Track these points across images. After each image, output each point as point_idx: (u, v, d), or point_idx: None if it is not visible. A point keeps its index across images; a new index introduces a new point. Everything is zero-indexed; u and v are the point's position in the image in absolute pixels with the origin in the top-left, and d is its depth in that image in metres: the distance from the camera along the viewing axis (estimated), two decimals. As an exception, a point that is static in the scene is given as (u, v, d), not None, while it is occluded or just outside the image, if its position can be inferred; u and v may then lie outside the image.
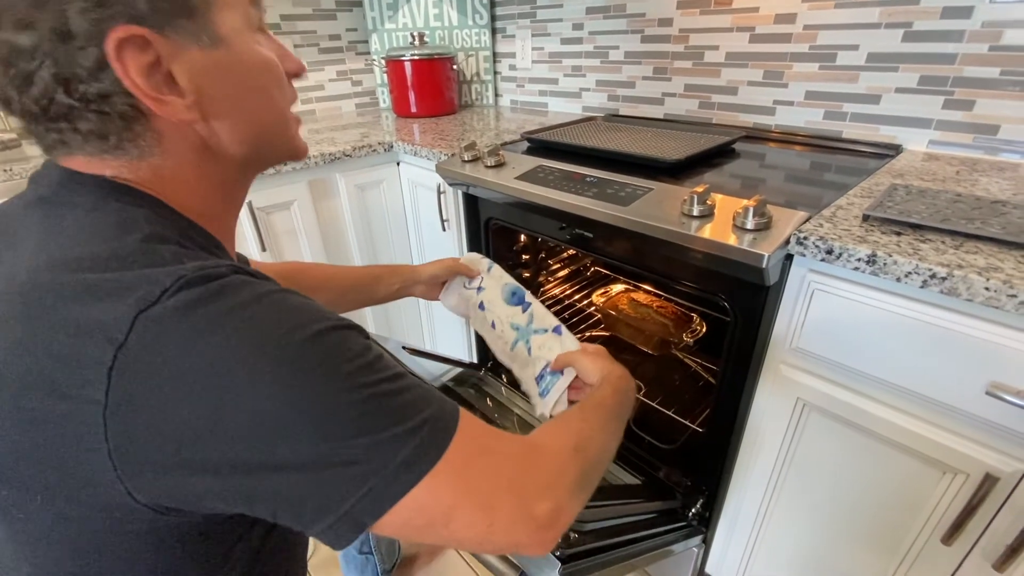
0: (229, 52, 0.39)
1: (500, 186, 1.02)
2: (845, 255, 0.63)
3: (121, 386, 0.29)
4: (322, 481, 0.32)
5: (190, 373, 0.30)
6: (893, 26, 1.00)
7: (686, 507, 0.99)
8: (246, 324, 0.32)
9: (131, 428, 0.30)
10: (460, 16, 1.79)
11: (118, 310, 0.30)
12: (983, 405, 0.59)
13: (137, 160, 0.38)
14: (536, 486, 0.40)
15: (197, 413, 0.30)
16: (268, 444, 0.31)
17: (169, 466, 0.30)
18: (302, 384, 0.31)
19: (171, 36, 0.35)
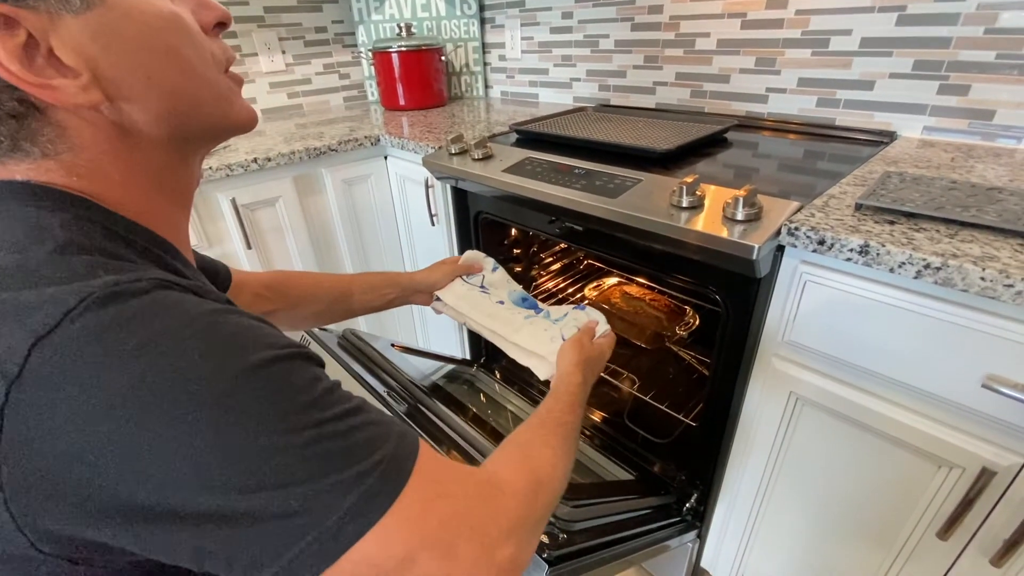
0: (111, 11, 0.32)
1: (487, 179, 1.00)
2: (837, 245, 0.61)
3: (14, 428, 0.25)
4: (255, 535, 0.28)
5: (96, 412, 0.25)
6: (886, 10, 0.98)
7: (681, 502, 0.98)
8: (166, 355, 0.27)
9: (28, 474, 0.26)
10: (448, 6, 1.76)
11: (13, 338, 0.25)
12: (979, 398, 0.58)
13: (43, 160, 0.33)
14: (499, 530, 0.36)
15: (105, 458, 0.26)
16: (190, 493, 0.27)
17: (75, 515, 0.26)
18: (232, 426, 0.27)
19: (35, 6, 0.29)
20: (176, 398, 0.27)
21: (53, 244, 0.30)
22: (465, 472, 0.39)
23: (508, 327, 0.79)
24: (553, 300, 1.47)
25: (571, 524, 0.65)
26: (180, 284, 0.31)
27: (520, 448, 0.48)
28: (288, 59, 1.75)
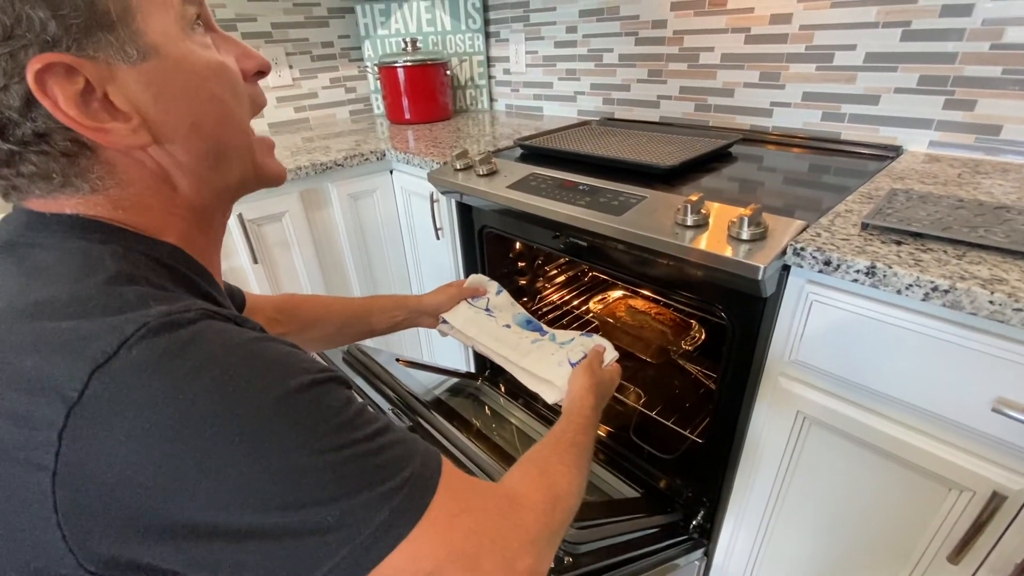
0: (164, 62, 0.35)
1: (492, 195, 1.01)
2: (843, 266, 0.61)
3: (73, 451, 0.26)
4: (294, 549, 0.29)
5: (151, 436, 0.27)
6: (891, 25, 0.98)
7: (687, 519, 0.97)
8: (215, 381, 0.29)
9: (83, 496, 0.27)
10: (453, 21, 1.77)
11: (73, 365, 0.27)
12: (989, 421, 0.57)
13: (92, 195, 0.35)
14: (519, 543, 0.38)
15: (158, 480, 0.27)
16: (236, 511, 0.28)
17: (125, 535, 0.28)
18: (274, 447, 0.29)
19: (96, 56, 0.32)
20: (225, 422, 0.28)
21: (105, 275, 0.32)
22: (486, 488, 0.41)
23: (516, 351, 0.79)
24: (558, 312, 1.47)
25: (577, 546, 0.65)
26: (221, 314, 0.33)
27: (536, 465, 0.50)
28: (295, 73, 1.77)
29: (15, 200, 0.36)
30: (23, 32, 0.30)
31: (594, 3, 1.43)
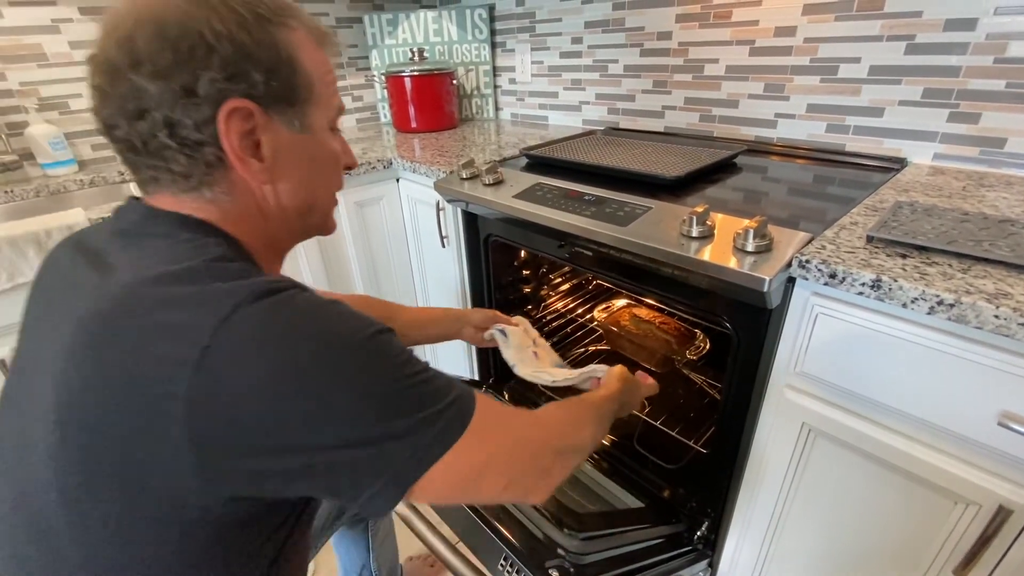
0: (310, 140, 0.47)
1: (498, 205, 1.01)
2: (849, 279, 0.61)
3: (203, 383, 0.33)
4: (377, 453, 0.38)
5: (268, 371, 0.34)
6: (895, 39, 0.99)
7: (691, 530, 0.96)
8: (311, 331, 0.37)
9: (210, 421, 0.34)
10: (460, 31, 1.79)
11: (203, 318, 0.34)
12: (995, 435, 0.57)
13: (209, 202, 0.44)
14: (541, 453, 0.50)
15: (274, 406, 0.34)
16: (338, 427, 0.36)
17: (244, 452, 0.35)
18: (363, 378, 0.37)
19: (272, 115, 0.43)
20: (323, 362, 0.36)
21: (211, 256, 0.40)
22: (517, 411, 0.52)
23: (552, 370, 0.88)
24: (562, 320, 1.47)
25: (581, 557, 0.65)
26: (303, 287, 0.41)
27: (561, 405, 0.62)
28: (303, 82, 1.78)
29: (147, 191, 0.45)
30: (240, 81, 0.40)
31: (599, 14, 1.45)
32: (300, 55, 0.44)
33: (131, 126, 0.40)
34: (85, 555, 0.37)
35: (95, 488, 0.36)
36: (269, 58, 0.42)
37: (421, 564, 1.29)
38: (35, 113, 1.35)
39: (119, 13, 0.40)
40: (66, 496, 0.36)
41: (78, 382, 0.35)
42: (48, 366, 0.37)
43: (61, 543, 0.37)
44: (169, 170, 0.42)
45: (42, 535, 0.38)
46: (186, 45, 0.38)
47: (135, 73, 0.38)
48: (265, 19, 0.42)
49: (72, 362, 0.36)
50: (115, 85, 0.39)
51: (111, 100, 0.40)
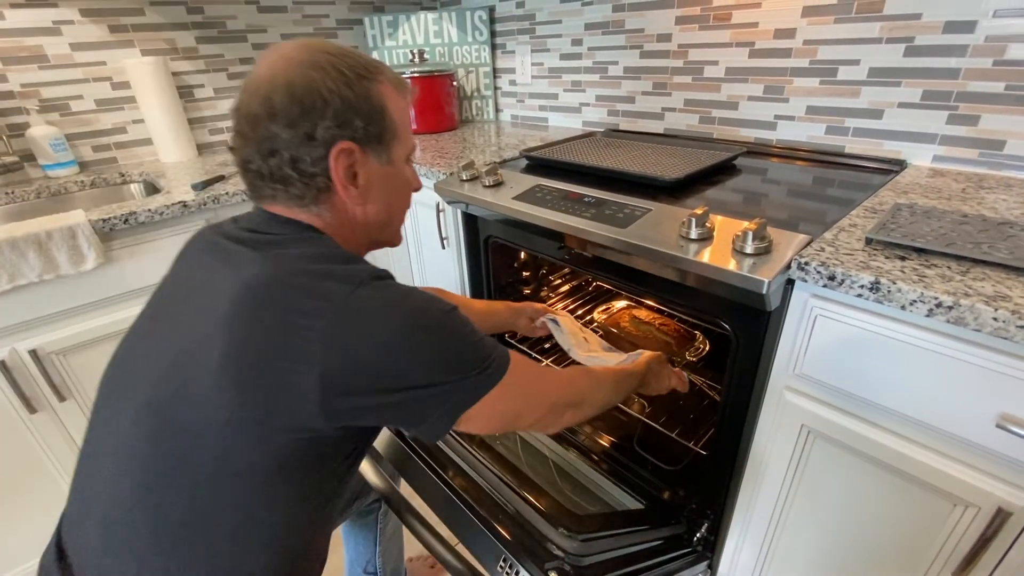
0: (393, 170, 0.60)
1: (498, 206, 1.02)
2: (848, 281, 0.62)
3: (336, 331, 0.46)
4: (443, 392, 0.51)
5: (381, 330, 0.47)
6: (894, 41, 0.99)
7: (691, 532, 0.96)
8: (410, 303, 0.50)
9: (338, 359, 0.46)
10: (460, 33, 1.80)
11: (337, 286, 0.48)
12: (994, 437, 0.57)
13: (316, 215, 0.56)
14: (561, 403, 0.65)
15: (381, 357, 0.47)
16: (423, 373, 0.49)
17: (356, 389, 0.47)
18: (443, 340, 0.51)
19: (367, 152, 0.56)
20: (417, 326, 0.50)
21: (331, 249, 0.54)
22: (545, 368, 0.69)
23: None
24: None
25: (580, 559, 0.65)
26: (391, 277, 0.54)
27: (586, 370, 0.76)
28: (303, 83, 1.79)
29: (264, 201, 0.57)
30: (347, 127, 0.53)
31: (599, 16, 1.45)
32: (387, 103, 0.56)
33: (264, 161, 0.53)
34: (216, 459, 0.48)
35: (246, 407, 0.46)
36: (367, 108, 0.54)
37: (421, 565, 1.29)
38: (36, 114, 1.35)
39: (260, 77, 0.52)
40: (211, 421, 0.47)
41: (243, 332, 0.46)
42: (205, 326, 0.49)
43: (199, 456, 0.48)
44: (287, 191, 0.54)
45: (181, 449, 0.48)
46: (309, 101, 0.51)
47: (271, 123, 0.51)
48: (363, 77, 0.54)
49: (236, 319, 0.47)
50: (255, 131, 0.52)
51: (251, 142, 0.53)
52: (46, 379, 1.04)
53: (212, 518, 0.49)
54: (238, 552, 0.51)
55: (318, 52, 0.53)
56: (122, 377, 0.55)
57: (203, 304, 0.50)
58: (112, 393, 0.55)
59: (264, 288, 0.47)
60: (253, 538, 0.51)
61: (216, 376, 0.46)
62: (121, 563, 0.49)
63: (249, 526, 0.50)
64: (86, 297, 1.06)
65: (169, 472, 0.48)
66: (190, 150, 1.57)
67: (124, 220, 1.04)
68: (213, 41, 1.58)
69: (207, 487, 0.48)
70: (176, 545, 0.49)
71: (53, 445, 1.11)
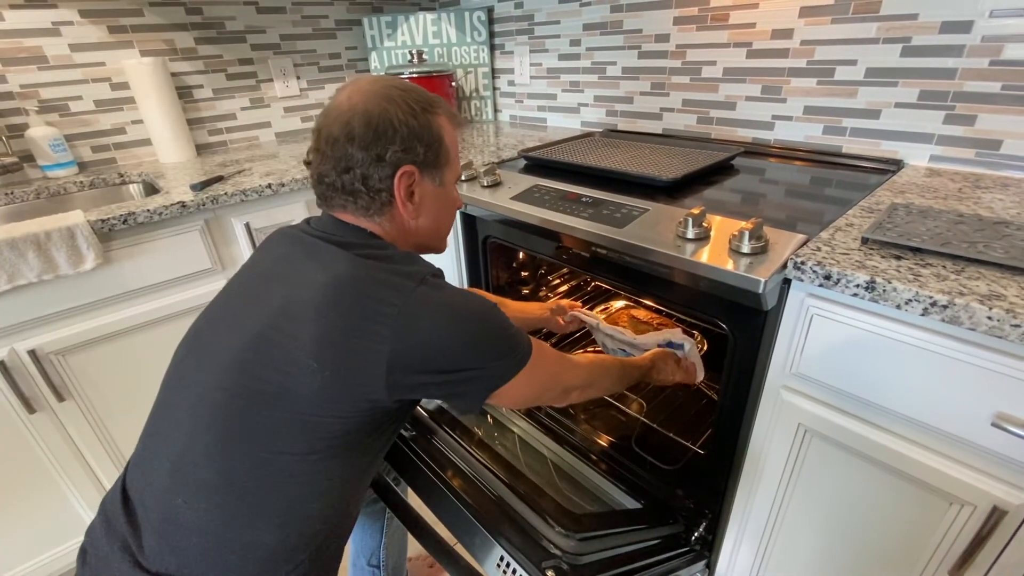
0: (443, 191, 0.69)
1: (496, 207, 1.02)
2: (843, 281, 0.62)
3: (403, 320, 0.54)
4: (483, 373, 0.61)
5: (437, 321, 0.56)
6: (891, 41, 0.99)
7: (689, 531, 0.97)
8: (460, 300, 0.60)
9: (403, 344, 0.54)
10: (459, 33, 1.80)
11: (404, 282, 0.57)
12: (989, 436, 0.58)
13: (378, 224, 0.65)
14: (571, 386, 0.75)
15: (439, 341, 0.56)
16: (472, 358, 0.59)
17: (416, 369, 0.56)
18: (489, 330, 0.61)
19: (424, 175, 0.65)
20: (467, 317, 0.59)
21: (395, 252, 0.63)
22: (561, 356, 0.75)
23: None
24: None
25: (578, 558, 0.65)
26: (443, 276, 0.64)
27: (596, 357, 0.85)
28: (303, 84, 1.79)
29: (333, 209, 0.65)
30: (411, 152, 0.62)
31: (597, 17, 1.45)
32: (444, 134, 0.66)
33: (339, 176, 0.61)
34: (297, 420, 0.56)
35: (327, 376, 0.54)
36: (428, 136, 0.63)
37: (420, 565, 1.29)
38: (35, 115, 1.35)
39: (341, 105, 0.61)
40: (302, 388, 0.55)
41: (333, 315, 0.54)
42: (297, 307, 0.56)
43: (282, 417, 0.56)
44: (355, 203, 0.63)
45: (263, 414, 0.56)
46: (382, 129, 0.60)
47: (349, 144, 0.59)
48: (426, 110, 0.63)
49: (327, 305, 0.54)
50: (335, 150, 0.60)
51: (329, 159, 0.61)
52: (45, 379, 1.04)
53: (280, 469, 0.56)
54: (298, 499, 0.58)
55: (390, 87, 0.62)
56: (205, 342, 0.62)
57: (291, 288, 0.58)
58: (192, 354, 0.62)
59: (351, 281, 0.56)
60: (313, 488, 0.59)
61: (308, 348, 0.54)
62: (192, 503, 0.56)
63: (311, 478, 0.58)
64: (85, 297, 1.06)
65: (249, 426, 0.55)
66: (189, 151, 1.57)
67: (123, 220, 1.04)
68: (212, 42, 1.59)
69: (281, 442, 0.55)
70: (246, 490, 0.56)
71: (52, 445, 1.11)
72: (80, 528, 1.22)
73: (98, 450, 1.17)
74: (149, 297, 1.15)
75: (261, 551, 0.57)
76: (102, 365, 1.12)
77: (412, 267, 0.60)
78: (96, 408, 1.14)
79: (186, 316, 1.20)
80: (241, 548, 0.56)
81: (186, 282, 1.19)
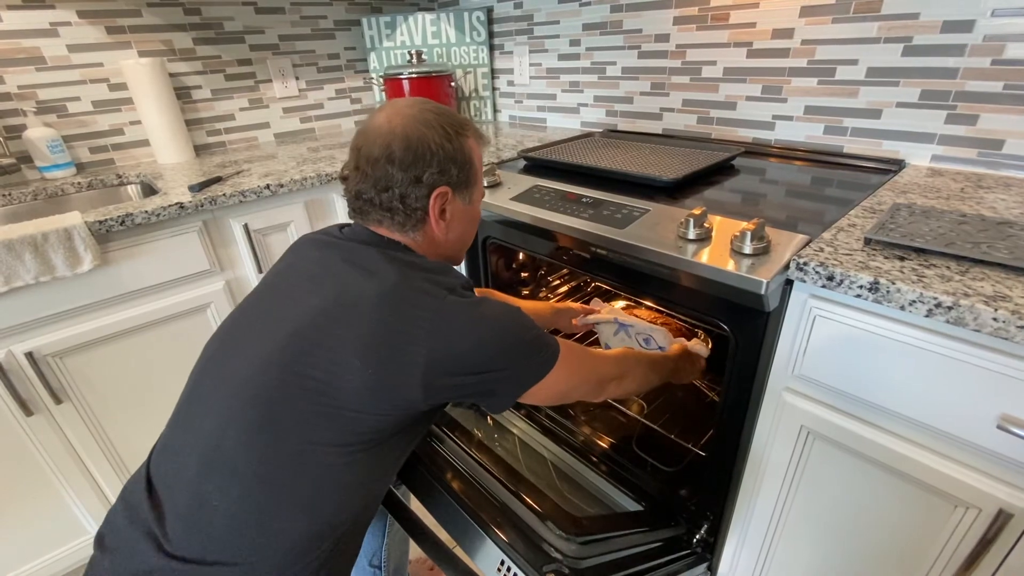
0: (471, 208, 0.73)
1: (496, 207, 1.01)
2: (847, 282, 0.61)
3: (437, 325, 0.58)
4: (512, 374, 0.63)
5: (468, 327, 0.59)
6: (892, 41, 0.99)
7: (690, 533, 0.96)
8: (489, 306, 0.62)
9: (437, 347, 0.57)
10: (458, 33, 1.79)
11: (438, 290, 0.60)
12: (994, 438, 0.57)
13: (411, 238, 0.68)
14: (607, 378, 0.77)
15: (472, 344, 0.59)
16: (502, 360, 0.62)
17: (450, 370, 0.58)
18: (517, 334, 0.63)
19: (456, 194, 0.68)
20: (496, 322, 0.62)
21: (427, 263, 0.65)
22: (593, 352, 0.77)
23: None
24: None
25: (579, 561, 0.65)
26: (472, 287, 0.69)
27: (629, 352, 0.86)
28: (301, 84, 1.79)
29: (369, 223, 0.68)
30: (446, 174, 0.65)
31: (597, 17, 1.45)
32: (473, 156, 0.69)
33: (378, 194, 0.64)
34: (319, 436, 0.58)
35: (369, 376, 0.56)
36: (461, 159, 0.67)
37: (421, 568, 1.29)
38: (33, 116, 1.34)
39: (380, 127, 0.64)
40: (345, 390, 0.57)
41: (375, 318, 0.57)
42: (337, 309, 0.59)
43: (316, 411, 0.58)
44: (392, 219, 0.66)
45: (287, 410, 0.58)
46: (421, 152, 0.63)
47: (389, 165, 0.63)
48: (459, 133, 0.67)
49: (372, 309, 0.57)
50: (375, 169, 0.63)
51: (369, 177, 0.64)
52: (42, 381, 1.04)
53: (313, 460, 0.58)
54: (327, 490, 0.60)
55: (427, 111, 0.66)
56: (241, 336, 0.64)
57: (332, 289, 0.61)
58: (227, 347, 0.65)
59: (394, 288, 0.59)
60: (341, 480, 0.60)
61: (353, 348, 0.56)
62: (225, 489, 0.57)
63: (341, 471, 0.60)
64: (82, 299, 1.05)
65: (286, 417, 0.57)
66: (187, 151, 1.56)
67: (121, 222, 1.03)
68: (211, 42, 1.58)
69: (317, 434, 0.57)
70: (279, 479, 0.58)
71: (49, 448, 1.10)
72: (78, 531, 1.21)
73: (95, 452, 1.17)
74: (147, 299, 1.14)
75: (288, 539, 0.59)
76: (100, 367, 1.12)
77: (446, 277, 0.63)
78: (93, 410, 1.14)
79: (185, 318, 1.19)
80: (269, 535, 0.58)
81: (184, 283, 1.18)
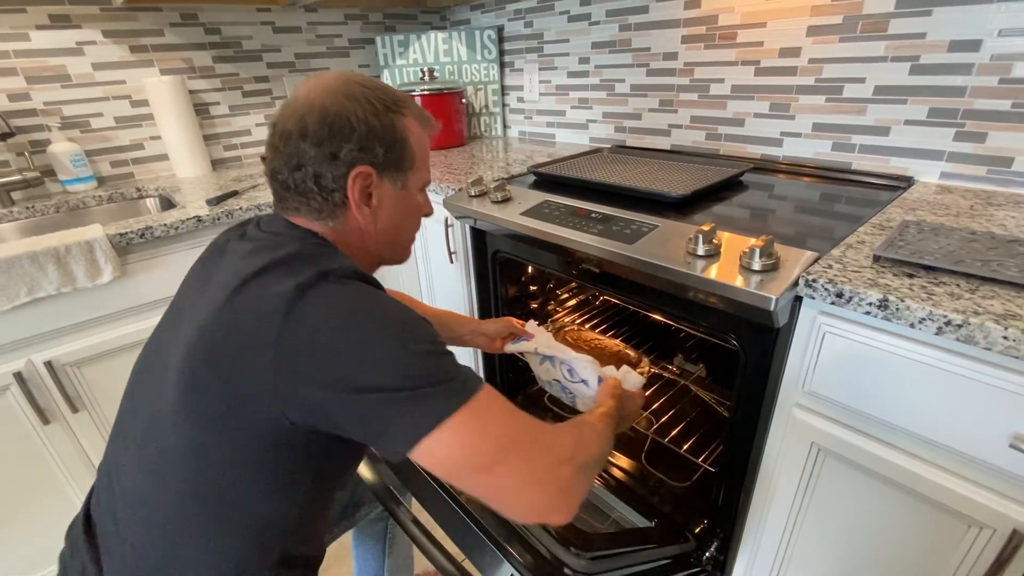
0: (406, 195, 0.64)
1: (506, 222, 1.03)
2: (856, 299, 0.62)
3: (291, 324, 0.47)
4: (397, 401, 0.47)
5: (336, 320, 0.48)
6: (900, 59, 1.00)
7: (700, 550, 0.95)
8: (371, 300, 0.51)
9: (291, 350, 0.47)
10: (469, 51, 1.83)
11: (305, 279, 0.49)
12: (1007, 458, 0.57)
13: (331, 228, 0.61)
14: (561, 463, 0.53)
15: (333, 343, 0.47)
16: (373, 374, 0.47)
17: (306, 376, 0.47)
18: (398, 342, 0.49)
19: (383, 177, 0.61)
20: (374, 319, 0.49)
21: (320, 251, 0.56)
22: (525, 414, 0.54)
23: None
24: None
25: (588, 577, 0.64)
26: (369, 280, 0.56)
27: (566, 423, 0.64)
28: (316, 101, 1.82)
29: (287, 212, 0.61)
30: (368, 152, 0.58)
31: (606, 35, 1.47)
32: (409, 136, 0.61)
33: (291, 174, 0.58)
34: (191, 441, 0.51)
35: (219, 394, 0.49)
36: (389, 137, 0.59)
37: (426, 583, 1.27)
38: (58, 131, 1.39)
39: (299, 100, 0.58)
40: None
41: (223, 321, 0.50)
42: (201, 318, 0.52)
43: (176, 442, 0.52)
44: (308, 204, 0.59)
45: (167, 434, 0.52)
46: (338, 126, 0.56)
47: (302, 140, 0.56)
48: (390, 109, 0.59)
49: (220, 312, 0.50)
50: (287, 146, 0.57)
51: (281, 155, 0.58)
52: (60, 390, 1.06)
53: (215, 498, 0.53)
54: (226, 535, 0.54)
55: (353, 83, 0.59)
56: (145, 373, 0.60)
57: (203, 299, 0.55)
58: (136, 385, 0.61)
59: (246, 282, 0.51)
60: (240, 522, 0.54)
61: (203, 364, 0.50)
62: (143, 535, 0.54)
63: (240, 511, 0.53)
64: (102, 310, 1.08)
65: (187, 458, 0.52)
66: (205, 166, 1.60)
67: (140, 235, 1.06)
68: (229, 60, 1.63)
69: (209, 473, 0.52)
70: (204, 506, 0.53)
71: (65, 457, 1.12)
72: (89, 540, 1.22)
73: (109, 461, 1.18)
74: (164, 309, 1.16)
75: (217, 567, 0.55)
76: (116, 377, 1.14)
77: (326, 265, 0.52)
78: (109, 420, 1.16)
79: (199, 329, 1.21)
80: (198, 564, 0.54)
81: (200, 295, 1.20)
